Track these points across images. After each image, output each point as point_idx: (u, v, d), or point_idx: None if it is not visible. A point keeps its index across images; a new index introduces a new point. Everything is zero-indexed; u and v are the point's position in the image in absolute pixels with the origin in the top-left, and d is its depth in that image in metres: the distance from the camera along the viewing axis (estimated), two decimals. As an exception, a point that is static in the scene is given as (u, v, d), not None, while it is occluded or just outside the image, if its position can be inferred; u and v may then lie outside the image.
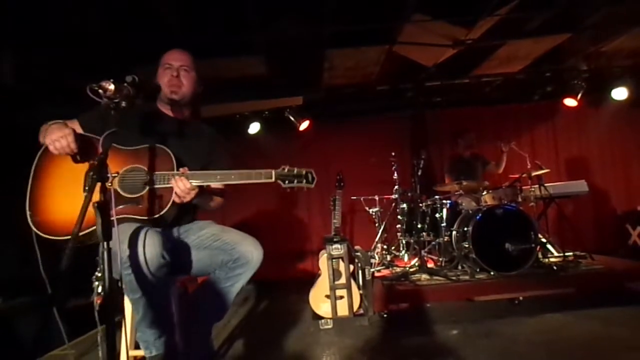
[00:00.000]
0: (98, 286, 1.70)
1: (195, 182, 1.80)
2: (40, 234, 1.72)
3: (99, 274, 1.90)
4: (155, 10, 3.13)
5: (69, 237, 1.31)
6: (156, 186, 1.79)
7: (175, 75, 2.01)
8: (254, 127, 5.45)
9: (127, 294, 1.65)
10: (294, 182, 1.87)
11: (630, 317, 2.91)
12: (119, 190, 1.78)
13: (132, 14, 3.11)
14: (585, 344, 2.50)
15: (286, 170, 1.88)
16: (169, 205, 1.80)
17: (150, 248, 1.61)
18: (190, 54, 2.13)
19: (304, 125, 5.38)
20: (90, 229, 1.70)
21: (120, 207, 1.76)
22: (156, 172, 1.80)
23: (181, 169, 1.82)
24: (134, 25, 3.19)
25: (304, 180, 1.88)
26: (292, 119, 5.33)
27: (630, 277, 3.58)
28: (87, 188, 1.74)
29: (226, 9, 3.29)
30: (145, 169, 1.81)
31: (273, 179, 1.86)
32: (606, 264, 3.84)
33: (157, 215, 1.79)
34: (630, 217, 5.10)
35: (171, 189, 1.78)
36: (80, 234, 1.67)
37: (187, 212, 2.03)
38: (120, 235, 1.51)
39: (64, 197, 1.78)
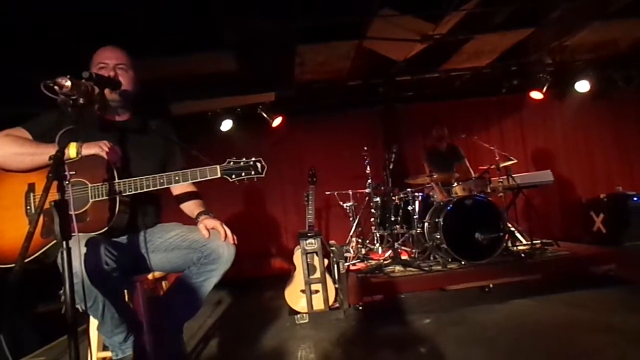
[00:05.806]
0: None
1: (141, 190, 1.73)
2: None
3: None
4: (120, 5, 3.04)
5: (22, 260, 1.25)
6: (99, 199, 1.70)
7: (113, 75, 1.85)
8: (227, 125, 5.38)
9: (80, 304, 1.57)
10: (242, 175, 1.78)
11: (593, 300, 3.03)
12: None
13: (95, 9, 3.01)
14: (550, 327, 2.60)
15: (232, 163, 1.79)
16: (115, 215, 1.71)
17: (90, 258, 1.55)
18: (126, 52, 1.96)
19: (277, 121, 5.35)
20: (45, 249, 1.66)
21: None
22: (98, 184, 1.71)
23: None
24: (97, 22, 3.09)
25: (253, 171, 1.80)
26: (264, 115, 5.29)
27: (594, 262, 3.72)
28: (28, 209, 1.72)
29: (193, 3, 3.23)
30: (86, 181, 1.72)
31: (219, 175, 1.78)
32: (571, 250, 3.97)
33: (106, 228, 1.71)
34: (594, 205, 5.26)
35: (114, 199, 1.71)
36: (35, 254, 1.64)
37: (146, 215, 1.96)
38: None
39: (9, 222, 1.71)
